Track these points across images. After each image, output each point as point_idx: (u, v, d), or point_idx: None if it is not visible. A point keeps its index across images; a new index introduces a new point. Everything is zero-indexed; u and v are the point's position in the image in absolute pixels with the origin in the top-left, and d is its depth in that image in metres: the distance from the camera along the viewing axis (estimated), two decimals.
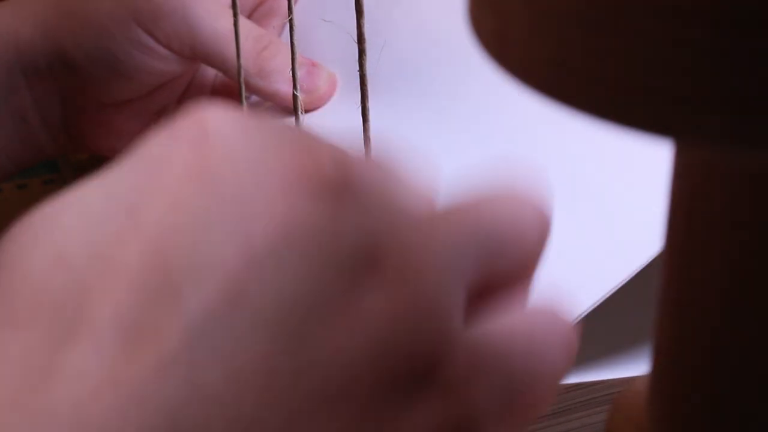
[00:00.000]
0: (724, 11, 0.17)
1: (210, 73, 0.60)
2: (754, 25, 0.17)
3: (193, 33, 0.54)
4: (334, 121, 0.55)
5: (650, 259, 0.37)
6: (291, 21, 0.46)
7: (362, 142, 0.40)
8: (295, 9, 0.46)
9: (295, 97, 0.46)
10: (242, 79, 0.53)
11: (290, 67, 0.55)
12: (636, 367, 0.38)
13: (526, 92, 0.21)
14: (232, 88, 0.58)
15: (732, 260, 0.23)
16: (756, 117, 0.18)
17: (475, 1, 0.22)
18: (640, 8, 0.18)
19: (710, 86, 0.18)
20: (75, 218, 0.22)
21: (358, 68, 0.38)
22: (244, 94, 0.54)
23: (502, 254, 0.24)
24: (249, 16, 0.60)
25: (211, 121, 0.23)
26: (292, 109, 0.47)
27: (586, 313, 0.37)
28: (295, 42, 0.46)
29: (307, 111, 0.56)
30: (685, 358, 0.25)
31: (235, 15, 0.52)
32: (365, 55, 0.37)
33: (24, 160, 0.58)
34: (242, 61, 0.54)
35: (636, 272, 0.37)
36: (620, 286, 0.37)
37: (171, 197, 0.22)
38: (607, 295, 0.37)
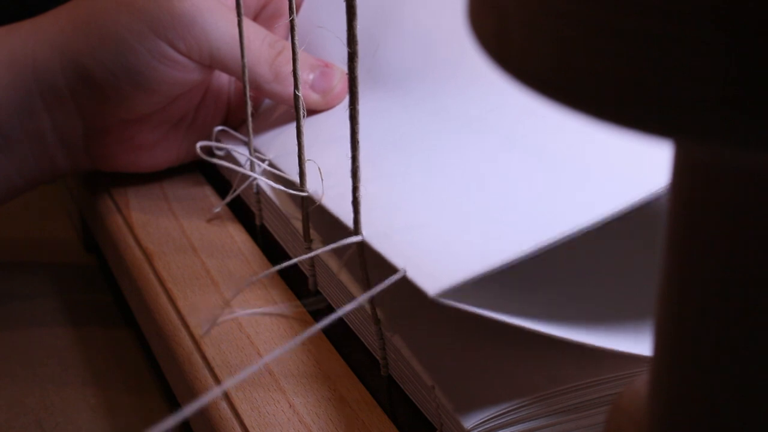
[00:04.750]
0: (724, 11, 0.17)
1: (225, 79, 0.61)
2: (755, 25, 0.17)
3: (212, 41, 0.54)
4: (332, 126, 0.55)
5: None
6: (292, 22, 0.46)
7: (350, 146, 0.40)
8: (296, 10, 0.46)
9: (296, 97, 0.46)
10: (246, 80, 0.54)
11: (306, 70, 0.56)
12: (638, 341, 0.38)
13: (525, 92, 0.21)
14: None
15: (732, 260, 0.23)
16: (756, 117, 0.18)
17: (475, 1, 0.22)
18: (640, 8, 0.18)
19: (710, 86, 0.18)
20: None
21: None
22: (248, 94, 0.54)
23: None
24: (254, 19, 0.60)
25: None
26: (309, 111, 0.47)
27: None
28: (296, 42, 0.47)
29: (322, 111, 0.56)
30: (685, 358, 0.25)
31: (239, 15, 0.53)
32: (357, 57, 0.38)
33: (38, 179, 0.59)
34: (258, 67, 0.55)
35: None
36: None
37: None
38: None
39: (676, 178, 0.24)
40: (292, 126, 0.51)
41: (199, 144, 0.54)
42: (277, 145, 0.55)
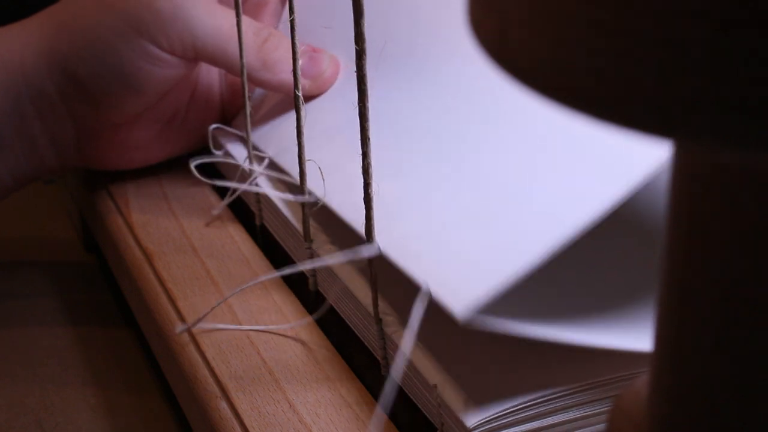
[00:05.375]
0: (724, 11, 0.17)
1: (215, 75, 0.61)
2: (754, 24, 0.17)
3: (194, 35, 0.54)
4: (333, 121, 0.55)
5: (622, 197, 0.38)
6: (292, 22, 0.46)
7: (361, 143, 0.40)
8: (296, 10, 0.46)
9: (296, 97, 0.46)
10: (245, 76, 0.54)
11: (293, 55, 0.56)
12: (634, 335, 0.38)
13: (525, 92, 0.21)
14: (239, 86, 0.58)
15: (732, 261, 0.23)
16: (755, 117, 0.18)
17: (475, 1, 0.22)
18: (640, 8, 0.18)
19: (710, 86, 0.18)
20: None
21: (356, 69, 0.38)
22: (247, 91, 0.54)
23: None
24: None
25: None
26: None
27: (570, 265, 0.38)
28: (297, 42, 0.47)
29: (313, 96, 0.56)
30: (685, 358, 0.25)
31: (238, 16, 0.53)
32: (365, 55, 0.38)
33: (28, 178, 0.59)
34: (245, 55, 0.55)
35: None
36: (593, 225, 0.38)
37: None
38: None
39: (676, 178, 0.24)
40: (289, 117, 0.51)
41: (192, 163, 0.54)
42: (275, 139, 0.55)
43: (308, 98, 0.56)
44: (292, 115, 0.48)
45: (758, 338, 0.24)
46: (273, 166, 0.54)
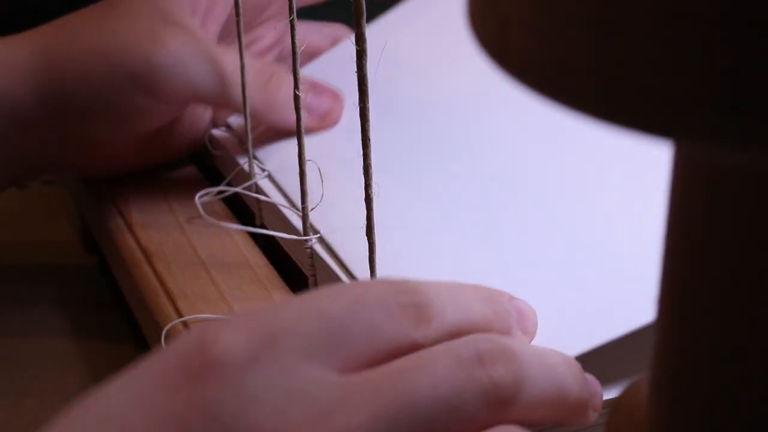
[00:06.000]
0: (724, 11, 0.17)
1: None
2: (754, 25, 0.17)
3: (195, 86, 0.53)
4: (333, 140, 0.55)
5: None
6: (292, 22, 0.46)
7: (361, 143, 0.40)
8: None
9: (296, 97, 0.46)
10: (245, 87, 0.54)
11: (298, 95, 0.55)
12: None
13: (526, 92, 0.21)
14: None
15: (732, 261, 0.23)
16: (755, 117, 0.18)
17: (475, 1, 0.22)
18: (641, 8, 0.18)
19: (710, 86, 0.18)
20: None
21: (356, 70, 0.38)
22: (249, 124, 0.54)
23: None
24: (229, 25, 0.59)
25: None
26: (305, 131, 0.47)
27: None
28: (297, 42, 0.46)
29: (319, 130, 0.56)
30: (685, 358, 0.25)
31: (240, 41, 0.52)
32: (365, 55, 0.37)
33: (13, 184, 0.59)
34: (248, 97, 0.54)
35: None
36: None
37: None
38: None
39: (676, 178, 0.24)
40: (292, 142, 0.50)
41: (199, 200, 0.53)
42: (275, 146, 0.55)
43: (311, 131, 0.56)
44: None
45: (758, 338, 0.24)
46: (273, 170, 0.54)
